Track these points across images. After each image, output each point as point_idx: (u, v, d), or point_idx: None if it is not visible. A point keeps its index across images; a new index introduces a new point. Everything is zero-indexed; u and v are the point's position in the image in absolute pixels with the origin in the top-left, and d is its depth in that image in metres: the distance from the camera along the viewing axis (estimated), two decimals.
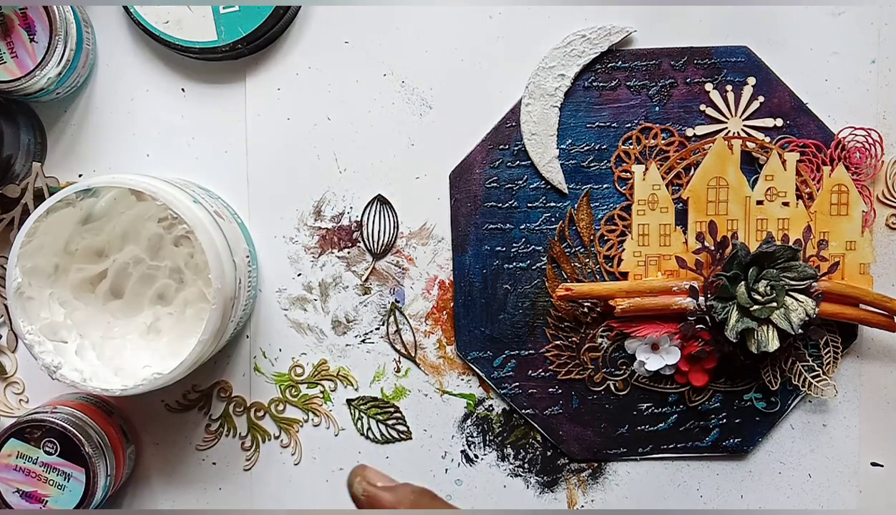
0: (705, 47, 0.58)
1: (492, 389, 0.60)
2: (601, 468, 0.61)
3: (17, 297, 0.50)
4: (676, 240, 0.57)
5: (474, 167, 0.58)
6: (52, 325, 0.52)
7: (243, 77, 0.58)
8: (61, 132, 0.59)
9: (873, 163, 0.57)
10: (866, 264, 0.57)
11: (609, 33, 0.57)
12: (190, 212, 0.50)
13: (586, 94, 0.58)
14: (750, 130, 0.58)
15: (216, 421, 0.60)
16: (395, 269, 0.59)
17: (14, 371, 0.60)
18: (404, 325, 0.60)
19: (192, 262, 0.56)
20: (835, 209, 0.57)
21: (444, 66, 0.58)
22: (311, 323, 0.60)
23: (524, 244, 0.59)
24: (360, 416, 0.60)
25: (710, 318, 0.56)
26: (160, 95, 0.59)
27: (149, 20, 0.55)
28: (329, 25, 0.58)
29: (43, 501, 0.54)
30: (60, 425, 0.54)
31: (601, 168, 0.58)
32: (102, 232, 0.55)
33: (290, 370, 0.60)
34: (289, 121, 0.59)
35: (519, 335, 0.59)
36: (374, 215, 0.59)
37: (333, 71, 0.58)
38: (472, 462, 0.61)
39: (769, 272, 0.55)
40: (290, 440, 0.60)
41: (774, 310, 0.55)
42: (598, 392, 0.59)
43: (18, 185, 0.56)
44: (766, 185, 0.57)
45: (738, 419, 0.59)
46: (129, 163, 0.59)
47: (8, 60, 0.53)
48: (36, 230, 0.50)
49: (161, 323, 0.56)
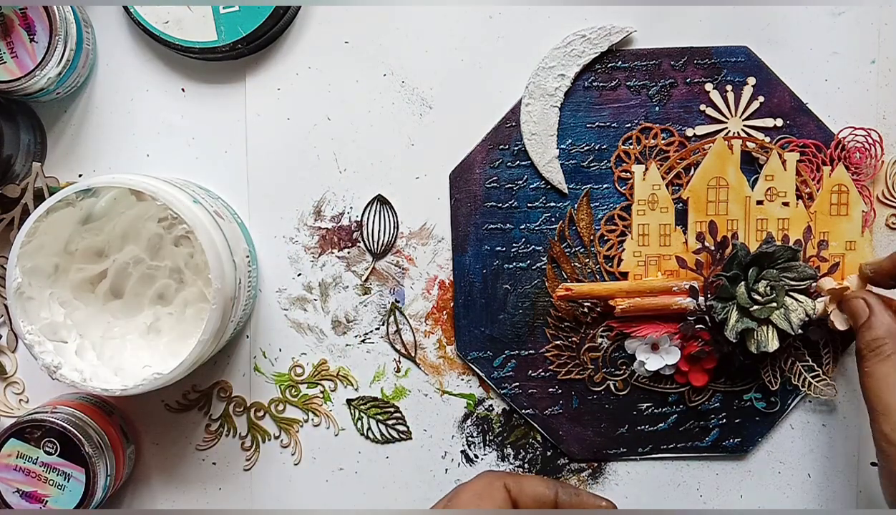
0: (705, 47, 0.58)
1: (492, 389, 0.60)
2: (601, 468, 0.61)
3: (17, 297, 0.50)
4: (676, 240, 0.57)
5: (474, 167, 0.58)
6: (53, 325, 0.52)
7: (243, 77, 0.58)
8: (61, 132, 0.59)
9: (873, 163, 0.57)
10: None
11: (609, 33, 0.57)
12: (190, 212, 0.50)
13: (586, 94, 0.58)
14: (750, 130, 0.58)
15: (216, 420, 0.60)
16: (395, 269, 0.59)
17: (14, 371, 0.60)
18: (404, 325, 0.60)
19: (192, 262, 0.56)
20: (835, 209, 0.57)
21: (444, 66, 0.58)
22: (311, 323, 0.60)
23: (524, 244, 0.59)
24: (360, 416, 0.60)
25: (709, 318, 0.56)
26: (160, 95, 0.58)
27: (149, 20, 0.55)
28: (329, 25, 0.58)
29: (43, 501, 0.54)
30: (60, 425, 0.54)
31: (601, 168, 0.58)
32: (102, 232, 0.55)
33: (290, 370, 0.60)
34: (289, 121, 0.59)
35: (519, 335, 0.59)
36: (374, 215, 0.59)
37: (333, 71, 0.58)
38: (472, 462, 0.61)
39: (769, 272, 0.55)
40: (290, 440, 0.60)
41: (774, 311, 0.55)
42: (598, 392, 0.59)
43: (18, 185, 0.56)
44: (766, 185, 0.57)
45: (738, 419, 0.59)
46: (129, 163, 0.59)
47: (8, 60, 0.53)
48: (36, 230, 0.50)
49: (161, 323, 0.56)
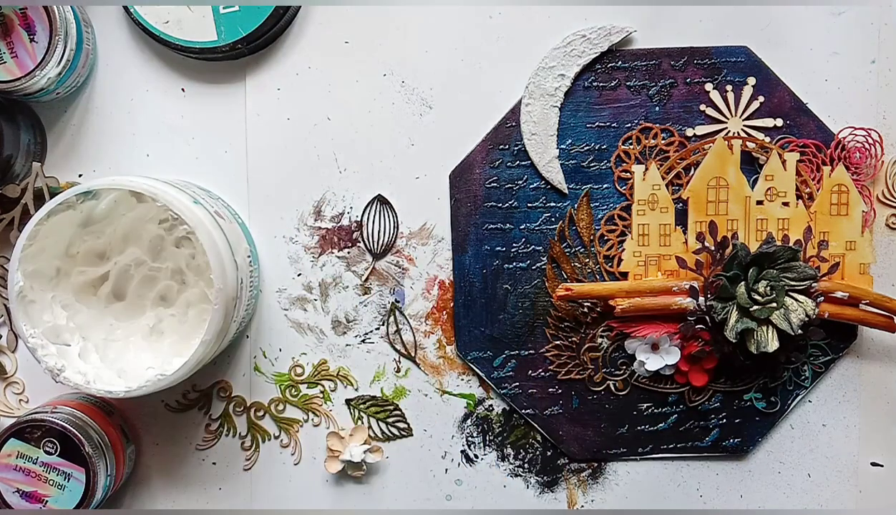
0: (705, 47, 0.57)
1: (492, 389, 0.60)
2: (601, 468, 0.61)
3: (20, 301, 0.50)
4: (676, 240, 0.57)
5: (474, 167, 0.58)
6: (55, 328, 0.52)
7: (243, 77, 0.58)
8: (61, 132, 0.59)
9: (873, 163, 0.57)
10: (866, 264, 0.57)
11: (609, 33, 0.57)
12: (190, 213, 0.50)
13: (586, 94, 0.58)
14: (750, 130, 0.58)
15: (216, 420, 0.60)
16: (395, 269, 0.59)
17: (14, 371, 0.60)
18: (404, 325, 0.60)
19: (193, 263, 0.56)
20: (835, 209, 0.57)
21: (444, 66, 0.58)
22: (311, 323, 0.60)
23: (524, 244, 0.59)
24: (359, 415, 0.60)
25: (710, 318, 0.56)
26: (160, 95, 0.58)
27: (149, 20, 0.55)
28: (329, 25, 0.58)
29: (43, 501, 0.54)
30: (60, 425, 0.54)
31: (601, 168, 0.58)
32: (103, 234, 0.55)
33: (290, 370, 0.60)
34: (289, 121, 0.59)
35: (519, 335, 0.59)
36: (374, 215, 0.59)
37: (333, 71, 0.58)
38: (472, 462, 0.61)
39: (769, 272, 0.55)
40: (290, 440, 0.60)
41: (774, 311, 0.55)
42: (598, 392, 0.59)
43: (18, 185, 0.56)
44: (766, 185, 0.57)
45: (738, 419, 0.59)
46: (130, 164, 0.59)
47: (8, 60, 0.52)
48: (37, 233, 0.50)
49: (163, 324, 0.56)
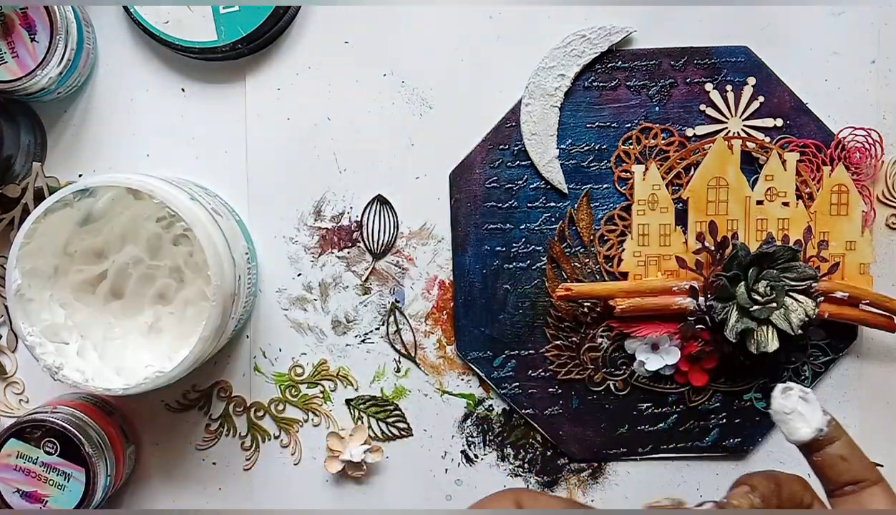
0: (705, 47, 0.57)
1: (492, 389, 0.60)
2: (601, 468, 0.61)
3: (18, 299, 0.50)
4: (676, 240, 0.57)
5: (474, 167, 0.58)
6: (53, 327, 0.52)
7: (243, 77, 0.58)
8: (61, 132, 0.59)
9: (873, 163, 0.57)
10: (866, 264, 0.57)
11: (609, 33, 0.57)
12: (187, 210, 0.50)
13: (586, 94, 0.58)
14: (750, 130, 0.58)
15: (216, 420, 0.60)
16: (395, 269, 0.59)
17: (14, 371, 0.60)
18: (404, 325, 0.60)
19: (191, 261, 0.56)
20: (835, 209, 0.57)
21: (444, 66, 0.58)
22: (311, 323, 0.60)
23: (524, 244, 0.59)
24: (359, 415, 0.60)
25: (709, 318, 0.56)
26: (160, 95, 0.58)
27: (149, 20, 0.55)
28: (329, 25, 0.58)
29: (43, 501, 0.54)
30: (60, 425, 0.54)
31: (601, 168, 0.58)
32: (101, 232, 0.55)
33: (290, 370, 0.60)
34: (289, 121, 0.59)
35: (519, 335, 0.59)
36: (374, 215, 0.59)
37: (333, 71, 0.58)
38: (472, 462, 0.60)
39: (769, 272, 0.55)
40: (290, 440, 0.60)
41: (774, 311, 0.55)
42: (598, 392, 0.59)
43: (18, 185, 0.56)
44: (766, 185, 0.57)
45: (738, 419, 0.59)
46: (129, 163, 0.59)
47: (9, 60, 0.53)
48: (34, 231, 0.50)
49: (162, 322, 0.56)
